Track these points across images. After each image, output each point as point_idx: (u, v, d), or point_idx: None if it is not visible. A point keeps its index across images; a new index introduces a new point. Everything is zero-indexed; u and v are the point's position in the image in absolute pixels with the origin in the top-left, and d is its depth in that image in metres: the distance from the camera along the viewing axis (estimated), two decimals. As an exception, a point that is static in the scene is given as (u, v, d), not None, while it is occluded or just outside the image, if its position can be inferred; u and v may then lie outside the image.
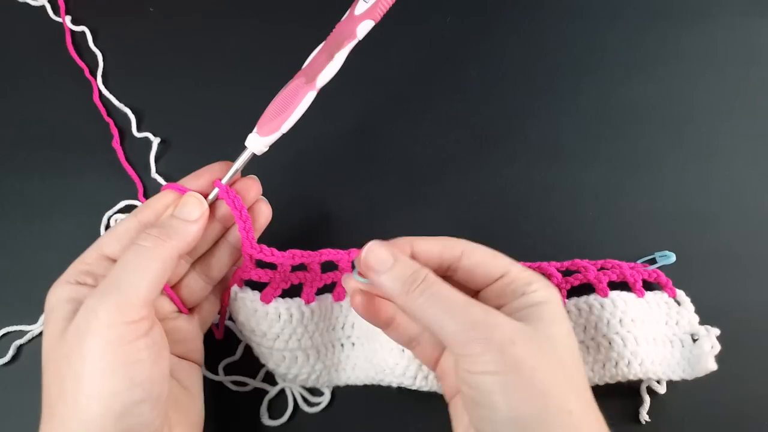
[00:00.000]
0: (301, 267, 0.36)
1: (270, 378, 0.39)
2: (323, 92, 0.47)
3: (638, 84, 0.48)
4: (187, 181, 0.34)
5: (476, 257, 0.32)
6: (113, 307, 0.27)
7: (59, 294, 0.30)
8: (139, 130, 0.45)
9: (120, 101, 0.46)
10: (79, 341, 0.27)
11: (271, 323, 0.35)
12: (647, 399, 0.39)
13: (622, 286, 0.40)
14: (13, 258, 0.42)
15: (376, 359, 0.37)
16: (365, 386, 0.39)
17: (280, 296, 0.36)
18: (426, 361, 0.34)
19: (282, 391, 0.39)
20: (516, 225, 0.44)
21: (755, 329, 0.41)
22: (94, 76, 0.46)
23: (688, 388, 0.39)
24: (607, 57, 0.49)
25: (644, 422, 0.39)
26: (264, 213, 0.35)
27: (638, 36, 0.49)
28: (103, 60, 0.47)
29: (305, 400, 0.39)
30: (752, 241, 0.44)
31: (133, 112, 0.45)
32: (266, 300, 0.35)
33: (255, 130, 0.34)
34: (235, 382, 0.39)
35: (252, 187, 0.35)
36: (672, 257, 0.41)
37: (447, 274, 0.32)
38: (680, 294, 0.40)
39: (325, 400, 0.39)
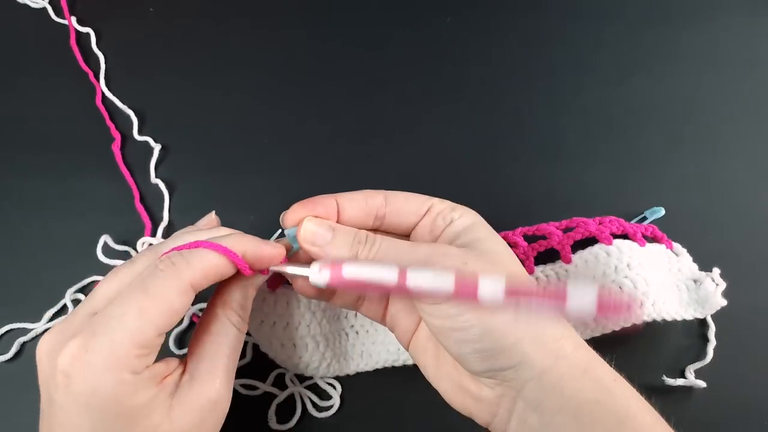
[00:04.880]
0: None
1: (279, 382, 0.40)
2: (322, 92, 0.47)
3: (638, 84, 0.48)
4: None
5: (398, 199, 0.33)
6: (231, 384, 0.30)
7: (134, 382, 0.26)
8: (141, 131, 0.45)
9: (122, 102, 0.46)
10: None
11: (279, 310, 0.36)
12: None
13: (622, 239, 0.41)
14: (14, 258, 0.42)
15: (389, 339, 0.37)
16: (374, 391, 0.39)
17: (285, 284, 0.36)
18: (374, 315, 0.34)
19: (291, 396, 0.39)
20: (516, 225, 0.44)
21: (756, 329, 0.41)
22: (97, 77, 0.47)
23: (690, 385, 0.40)
24: (607, 57, 0.49)
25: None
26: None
27: (638, 36, 0.49)
28: (105, 61, 0.47)
29: (314, 404, 0.39)
30: (752, 241, 0.44)
31: (135, 113, 0.45)
32: (272, 287, 0.36)
33: (326, 270, 0.29)
34: (244, 386, 0.39)
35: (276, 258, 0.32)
36: (661, 211, 0.42)
37: (375, 226, 0.33)
38: (677, 246, 0.41)
39: (334, 405, 0.39)
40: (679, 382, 0.39)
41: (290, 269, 0.30)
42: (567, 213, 0.44)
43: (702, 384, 0.39)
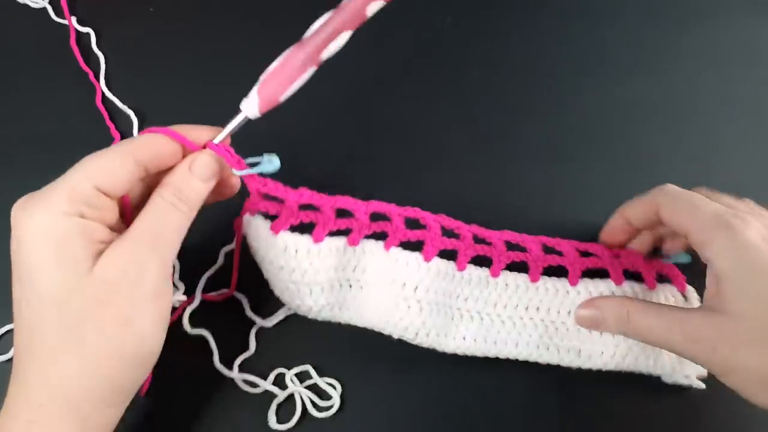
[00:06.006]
0: (313, 210, 0.36)
1: (280, 382, 0.39)
2: (322, 91, 0.47)
3: (638, 84, 0.48)
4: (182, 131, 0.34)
5: (666, 216, 0.34)
6: (161, 261, 0.30)
7: (67, 226, 0.28)
8: (140, 131, 0.45)
9: (122, 102, 0.46)
10: (131, 288, 0.29)
11: (277, 254, 0.36)
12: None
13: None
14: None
15: (383, 309, 0.38)
16: (374, 393, 0.39)
17: (290, 230, 0.36)
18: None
19: (291, 396, 0.39)
20: (516, 225, 0.44)
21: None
22: (97, 77, 0.47)
23: (689, 385, 0.40)
24: (607, 57, 0.49)
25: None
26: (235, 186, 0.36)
27: (638, 36, 0.49)
28: (105, 61, 0.47)
29: (314, 404, 0.39)
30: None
31: (135, 113, 0.46)
32: (275, 230, 0.36)
33: (253, 95, 0.34)
34: (245, 381, 0.39)
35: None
36: (687, 258, 0.40)
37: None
38: (690, 290, 0.40)
39: (334, 405, 0.39)
40: (679, 381, 0.39)
41: (228, 129, 0.34)
42: (567, 213, 0.44)
43: (702, 385, 0.39)
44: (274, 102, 0.34)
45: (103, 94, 0.46)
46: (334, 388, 0.39)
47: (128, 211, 0.33)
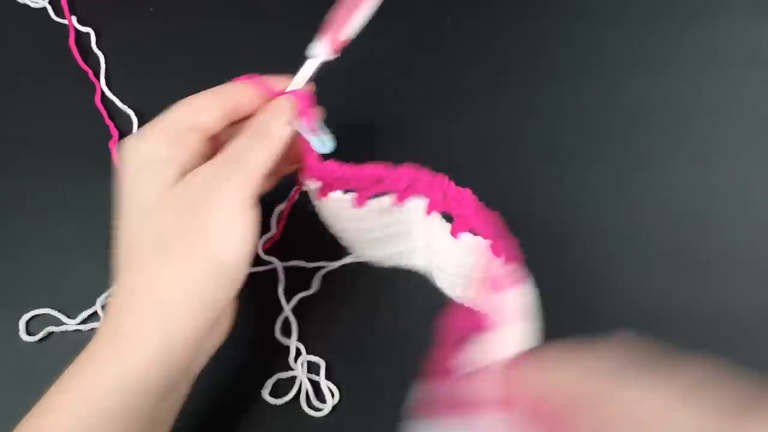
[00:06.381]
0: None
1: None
2: (321, 92, 0.47)
3: (638, 84, 0.48)
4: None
5: None
6: (241, 181, 0.31)
7: (158, 150, 0.31)
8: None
9: (122, 102, 0.46)
10: (210, 201, 0.30)
11: (328, 215, 0.37)
12: None
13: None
14: (14, 257, 0.42)
15: (433, 272, 0.38)
16: (371, 405, 0.39)
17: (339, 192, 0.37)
18: None
19: (292, 380, 0.40)
20: (515, 225, 0.44)
21: (756, 330, 0.41)
22: (97, 77, 0.47)
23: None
24: (607, 57, 0.49)
25: None
26: None
27: (638, 36, 0.49)
28: (105, 61, 0.47)
29: (309, 403, 0.39)
30: (753, 241, 0.43)
31: (135, 113, 0.46)
32: (321, 195, 0.36)
33: (321, 37, 0.36)
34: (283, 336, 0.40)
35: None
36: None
37: None
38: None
39: (325, 410, 0.39)
40: None
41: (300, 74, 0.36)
42: (567, 213, 0.44)
43: None
44: (341, 38, 0.36)
45: (102, 93, 0.46)
46: (333, 394, 0.39)
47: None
